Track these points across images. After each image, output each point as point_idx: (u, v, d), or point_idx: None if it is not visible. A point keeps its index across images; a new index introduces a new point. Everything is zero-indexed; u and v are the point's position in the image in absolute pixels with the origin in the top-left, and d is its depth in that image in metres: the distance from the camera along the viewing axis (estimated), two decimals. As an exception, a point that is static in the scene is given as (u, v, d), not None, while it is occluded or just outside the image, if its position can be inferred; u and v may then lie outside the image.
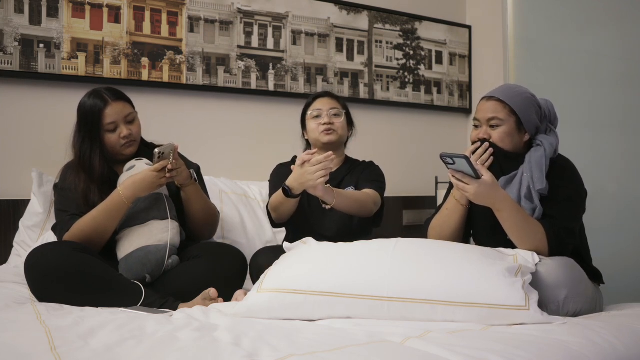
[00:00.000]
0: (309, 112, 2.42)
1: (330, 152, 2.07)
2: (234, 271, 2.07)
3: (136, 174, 2.02)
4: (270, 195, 2.34)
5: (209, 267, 2.01)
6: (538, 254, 1.77)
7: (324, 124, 2.35)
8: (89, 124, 2.12)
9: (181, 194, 2.17)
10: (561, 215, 1.85)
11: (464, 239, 2.06)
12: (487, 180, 1.75)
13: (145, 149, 2.28)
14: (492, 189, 1.75)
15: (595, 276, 1.96)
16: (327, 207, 2.17)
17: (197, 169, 2.36)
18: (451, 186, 2.03)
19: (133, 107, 2.22)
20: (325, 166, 2.03)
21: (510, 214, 1.78)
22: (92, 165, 2.11)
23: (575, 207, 1.91)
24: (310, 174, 2.03)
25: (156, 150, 2.00)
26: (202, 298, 1.92)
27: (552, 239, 1.81)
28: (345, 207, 2.19)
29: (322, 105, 2.39)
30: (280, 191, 2.16)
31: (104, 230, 2.01)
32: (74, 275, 1.84)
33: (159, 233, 2.04)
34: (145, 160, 2.13)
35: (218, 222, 2.33)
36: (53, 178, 2.52)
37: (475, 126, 2.00)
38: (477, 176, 1.73)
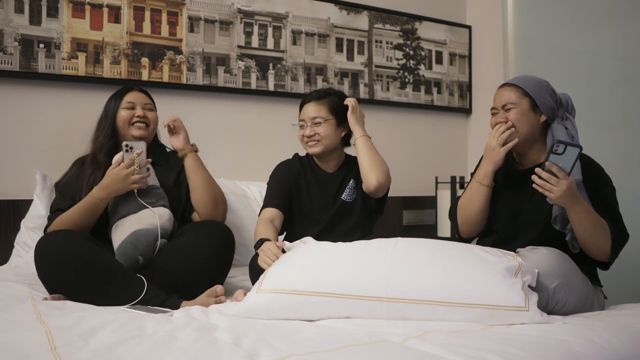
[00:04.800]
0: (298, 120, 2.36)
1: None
2: (217, 243, 2.05)
3: (106, 176, 2.06)
4: (267, 198, 2.31)
5: (192, 240, 2.02)
6: (601, 254, 1.85)
7: (307, 136, 2.29)
8: (110, 106, 2.25)
9: (184, 163, 2.23)
10: (612, 215, 1.89)
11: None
12: (575, 180, 1.79)
13: (158, 148, 2.28)
14: (575, 189, 1.78)
15: (595, 277, 1.97)
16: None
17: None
18: (478, 164, 2.11)
19: (155, 108, 2.33)
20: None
21: (587, 214, 1.81)
22: (101, 144, 2.20)
23: (617, 205, 1.96)
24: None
25: (124, 143, 2.06)
26: (207, 295, 1.93)
27: (616, 239, 1.85)
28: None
29: (304, 116, 2.31)
30: (259, 229, 2.18)
31: (81, 228, 2.06)
32: (82, 262, 1.87)
33: (149, 218, 2.06)
34: (144, 142, 2.13)
35: (223, 200, 2.30)
36: (56, 180, 2.52)
37: (493, 114, 2.07)
38: (570, 172, 1.75)
